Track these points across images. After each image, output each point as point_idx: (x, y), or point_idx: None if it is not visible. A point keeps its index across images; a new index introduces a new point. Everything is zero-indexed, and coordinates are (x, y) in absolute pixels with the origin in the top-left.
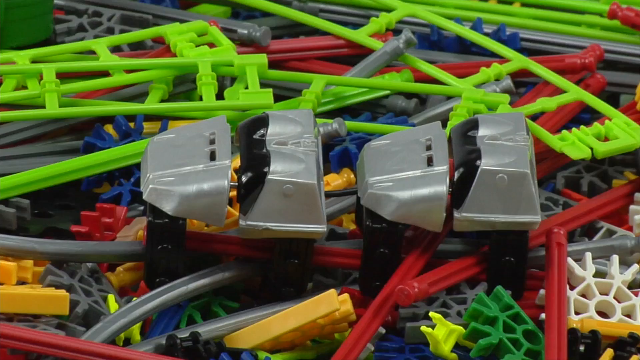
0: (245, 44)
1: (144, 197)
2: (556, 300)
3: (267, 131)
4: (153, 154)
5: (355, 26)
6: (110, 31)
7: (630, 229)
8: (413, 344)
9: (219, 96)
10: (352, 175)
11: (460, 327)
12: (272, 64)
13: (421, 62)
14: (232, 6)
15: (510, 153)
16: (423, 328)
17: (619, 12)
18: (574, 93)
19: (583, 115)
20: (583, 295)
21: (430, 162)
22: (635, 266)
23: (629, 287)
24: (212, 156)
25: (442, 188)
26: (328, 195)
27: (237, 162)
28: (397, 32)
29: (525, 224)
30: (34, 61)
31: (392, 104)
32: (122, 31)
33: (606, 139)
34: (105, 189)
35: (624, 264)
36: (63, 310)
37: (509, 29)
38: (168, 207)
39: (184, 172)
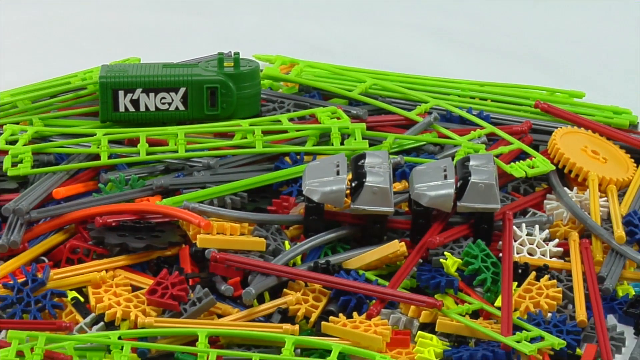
0: (355, 118)
1: (304, 192)
2: (507, 247)
3: (365, 161)
4: (309, 171)
5: (409, 109)
6: (288, 111)
7: (544, 211)
8: (436, 267)
9: (342, 143)
10: (407, 184)
11: (460, 260)
12: (369, 128)
13: (441, 128)
14: (348, 100)
15: (485, 173)
16: (441, 260)
17: (539, 105)
18: (517, 144)
19: (522, 155)
20: (521, 244)
21: (445, 177)
22: (547, 231)
23: (544, 241)
24: (337, 173)
25: (451, 190)
26: (395, 193)
27: (349, 176)
28: (430, 112)
29: (493, 209)
30: (250, 125)
31: (427, 149)
32: (294, 111)
33: (532, 167)
34: (284, 189)
35: (542, 229)
36: (262, 248)
37: (485, 112)
38: (315, 198)
39: (323, 180)
